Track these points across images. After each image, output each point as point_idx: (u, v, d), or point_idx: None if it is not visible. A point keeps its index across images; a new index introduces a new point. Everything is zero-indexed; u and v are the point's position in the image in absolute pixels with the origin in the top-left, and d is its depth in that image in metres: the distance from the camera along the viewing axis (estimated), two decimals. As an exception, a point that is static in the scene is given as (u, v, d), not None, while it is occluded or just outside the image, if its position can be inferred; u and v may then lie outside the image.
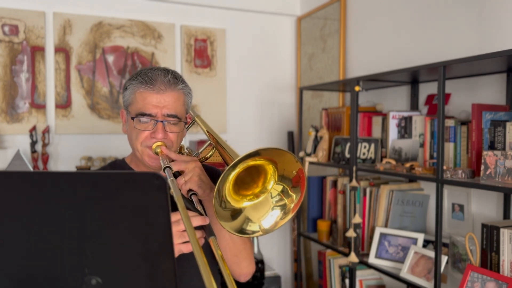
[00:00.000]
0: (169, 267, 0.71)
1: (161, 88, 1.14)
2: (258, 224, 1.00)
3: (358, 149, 2.18)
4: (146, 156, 1.17)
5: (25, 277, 0.72)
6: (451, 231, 1.90)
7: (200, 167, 1.11)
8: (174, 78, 1.18)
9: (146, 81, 1.14)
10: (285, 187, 1.00)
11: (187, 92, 1.22)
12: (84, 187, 0.68)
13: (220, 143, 1.09)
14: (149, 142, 1.15)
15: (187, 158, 1.13)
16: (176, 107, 1.17)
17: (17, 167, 2.29)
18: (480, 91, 1.86)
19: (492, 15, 1.79)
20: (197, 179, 1.08)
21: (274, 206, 1.01)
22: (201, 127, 1.24)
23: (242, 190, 1.00)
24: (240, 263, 1.22)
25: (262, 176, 1.01)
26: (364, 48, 2.60)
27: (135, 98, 1.16)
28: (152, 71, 1.17)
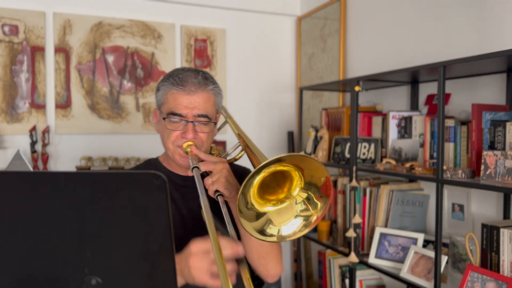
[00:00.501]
0: (169, 267, 0.71)
1: (191, 89, 1.16)
2: (278, 228, 0.99)
3: (358, 149, 2.18)
4: (177, 155, 1.20)
5: (25, 277, 0.72)
6: (451, 231, 1.90)
7: (227, 169, 1.12)
8: (205, 79, 1.19)
9: (177, 82, 1.16)
10: (311, 194, 0.99)
11: (217, 93, 1.23)
12: (84, 187, 0.68)
13: (249, 146, 1.10)
14: (180, 142, 1.18)
15: (215, 159, 1.14)
16: (207, 108, 1.18)
17: (17, 167, 2.29)
18: (480, 91, 1.86)
19: (492, 15, 1.79)
20: (224, 180, 1.10)
21: (297, 214, 1.00)
22: (232, 128, 1.25)
23: (267, 194, 1.00)
24: (267, 264, 1.21)
25: (288, 182, 1.00)
26: (364, 48, 2.60)
27: (167, 98, 1.19)
28: (183, 72, 1.19)
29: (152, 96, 2.91)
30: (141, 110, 2.88)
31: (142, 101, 2.89)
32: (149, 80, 2.90)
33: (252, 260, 1.22)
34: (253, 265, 1.24)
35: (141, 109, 2.88)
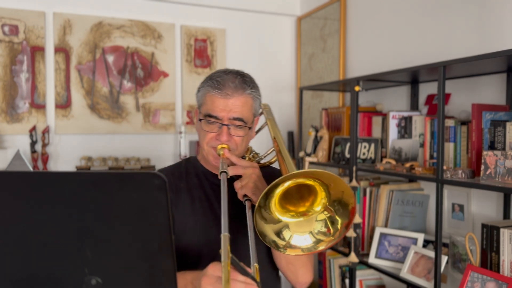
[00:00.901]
0: (169, 267, 0.71)
1: (228, 93, 1.17)
2: (291, 234, 0.98)
3: (358, 149, 2.18)
4: (211, 156, 1.22)
5: (25, 277, 0.72)
6: (451, 231, 1.90)
7: (257, 174, 1.13)
8: (243, 82, 1.20)
9: (215, 85, 1.18)
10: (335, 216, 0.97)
11: (255, 97, 1.23)
12: (84, 187, 0.68)
13: (281, 152, 1.10)
14: (214, 143, 1.20)
15: (246, 163, 1.15)
16: (243, 112, 1.19)
17: (17, 167, 2.29)
18: (480, 91, 1.86)
19: (492, 15, 1.79)
20: (252, 185, 1.11)
21: (312, 233, 0.99)
22: (270, 131, 1.26)
23: (289, 204, 1.00)
24: (296, 271, 1.21)
25: (311, 197, 1.00)
26: (364, 48, 2.60)
27: (205, 100, 1.21)
28: (223, 75, 1.20)
29: (152, 96, 2.91)
30: (141, 110, 2.88)
31: (142, 101, 2.89)
32: (149, 80, 2.90)
33: (281, 266, 1.22)
34: (282, 271, 1.24)
35: (141, 109, 2.88)
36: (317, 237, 0.99)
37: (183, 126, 2.86)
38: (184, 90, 2.98)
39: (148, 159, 2.78)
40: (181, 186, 1.27)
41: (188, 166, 1.34)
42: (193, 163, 1.35)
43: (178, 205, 1.24)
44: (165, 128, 2.94)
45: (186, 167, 1.34)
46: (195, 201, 1.25)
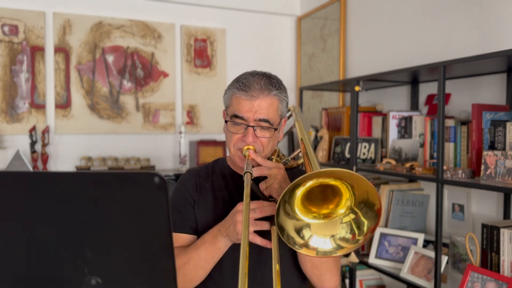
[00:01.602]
0: (169, 267, 0.71)
1: (253, 95, 1.18)
2: (311, 234, 0.97)
3: (358, 149, 2.18)
4: (237, 157, 1.22)
5: (25, 277, 0.72)
6: (451, 231, 1.90)
7: (282, 175, 1.13)
8: (269, 84, 1.20)
9: (241, 87, 1.19)
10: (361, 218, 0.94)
11: (281, 99, 1.23)
12: (84, 187, 0.68)
13: (308, 154, 1.10)
14: (240, 145, 1.20)
15: (272, 164, 1.15)
16: (269, 113, 1.19)
17: (16, 167, 2.29)
18: (480, 91, 1.86)
19: (492, 15, 1.79)
20: (277, 186, 1.11)
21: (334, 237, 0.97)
22: (298, 132, 1.26)
23: (311, 205, 1.00)
24: (321, 276, 1.19)
25: (336, 199, 0.98)
26: (364, 48, 2.60)
27: (232, 102, 1.22)
28: (249, 77, 1.21)
29: (152, 96, 2.91)
30: (141, 110, 2.88)
31: (142, 101, 2.88)
32: (149, 80, 2.90)
33: (306, 270, 1.21)
34: (307, 275, 1.23)
35: (141, 109, 2.88)
36: (338, 242, 0.96)
37: (183, 126, 2.86)
38: (184, 90, 2.98)
39: (148, 159, 2.78)
40: (206, 186, 1.28)
41: (215, 167, 1.34)
42: (220, 164, 1.36)
43: (200, 205, 1.25)
44: (165, 128, 2.94)
45: (213, 167, 1.34)
46: (218, 201, 1.26)
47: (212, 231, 1.13)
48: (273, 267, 0.92)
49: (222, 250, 1.12)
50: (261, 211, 1.05)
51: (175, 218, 1.24)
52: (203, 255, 1.12)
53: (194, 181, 1.28)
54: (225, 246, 1.12)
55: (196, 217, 1.24)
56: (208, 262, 1.12)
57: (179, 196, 1.27)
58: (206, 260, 1.12)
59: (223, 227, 1.10)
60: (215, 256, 1.12)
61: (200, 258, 1.11)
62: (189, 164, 2.89)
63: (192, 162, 2.88)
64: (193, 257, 1.12)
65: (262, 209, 1.05)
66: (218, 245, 1.11)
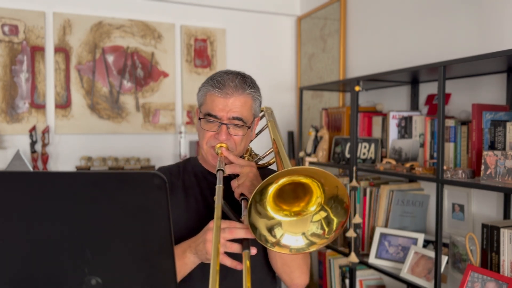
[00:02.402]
0: (169, 267, 0.71)
1: (227, 92, 1.18)
2: (283, 233, 0.98)
3: (358, 149, 2.18)
4: (209, 155, 1.23)
5: (25, 277, 0.72)
6: (451, 231, 1.90)
7: (254, 173, 1.14)
8: (243, 83, 1.21)
9: (215, 85, 1.19)
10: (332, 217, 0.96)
11: (255, 98, 1.24)
12: (84, 187, 0.68)
13: (280, 154, 1.10)
14: (213, 142, 1.20)
15: (244, 162, 1.16)
16: (242, 111, 1.20)
17: (17, 167, 2.29)
18: (480, 91, 1.86)
19: (492, 15, 1.79)
20: (249, 184, 1.11)
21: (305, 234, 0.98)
22: (270, 132, 1.27)
23: (283, 203, 1.00)
24: (291, 273, 1.21)
25: (307, 197, 0.99)
26: (364, 48, 2.60)
27: (205, 99, 1.22)
28: (224, 75, 1.22)
29: (152, 96, 2.91)
30: (141, 110, 2.88)
31: (142, 101, 2.89)
32: (149, 80, 2.90)
33: (276, 267, 1.22)
34: (277, 272, 1.24)
35: (141, 109, 2.88)
36: (310, 238, 0.98)
37: (183, 126, 2.86)
38: (184, 90, 2.98)
39: (148, 159, 2.78)
40: (177, 184, 1.28)
41: (186, 165, 1.35)
42: (192, 163, 1.36)
43: (171, 203, 1.24)
44: (165, 128, 2.94)
45: (185, 165, 1.35)
46: (190, 199, 1.26)
47: (181, 246, 1.11)
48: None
49: (189, 266, 1.10)
50: (230, 232, 1.00)
51: None
52: None
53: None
54: (193, 263, 1.09)
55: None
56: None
57: None
58: None
59: (193, 244, 1.07)
60: (182, 271, 1.10)
61: None
62: (189, 164, 2.89)
63: (192, 162, 2.88)
64: None
65: (232, 230, 1.00)
66: (185, 260, 1.09)
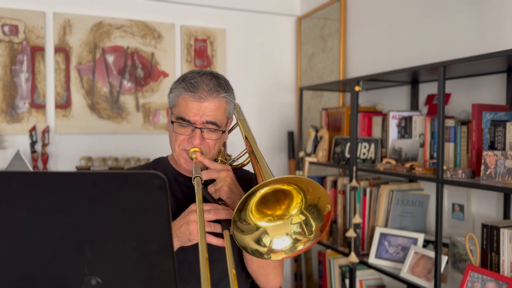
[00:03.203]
0: (169, 267, 0.71)
1: (201, 96, 1.15)
2: (271, 239, 0.99)
3: (358, 149, 2.18)
4: (182, 158, 1.20)
5: (25, 277, 0.72)
6: (451, 231, 1.90)
7: (231, 177, 1.12)
8: (217, 86, 1.18)
9: (188, 88, 1.16)
10: (310, 221, 0.98)
11: (229, 101, 1.22)
12: (84, 187, 0.68)
13: (254, 154, 1.09)
14: (186, 146, 1.18)
15: (220, 166, 1.14)
16: (216, 115, 1.17)
17: (17, 167, 2.29)
18: (480, 91, 1.86)
19: (492, 15, 1.79)
20: (227, 189, 1.10)
21: (289, 234, 1.00)
22: (241, 131, 1.25)
23: (265, 208, 1.00)
24: (267, 274, 1.21)
25: (287, 200, 1.00)
26: (364, 48, 2.60)
27: (178, 102, 1.19)
28: (197, 77, 1.18)
29: (152, 96, 2.91)
30: (141, 110, 2.88)
31: (142, 101, 2.89)
32: (149, 80, 2.90)
33: (252, 270, 1.22)
34: (253, 275, 1.24)
35: (141, 109, 2.88)
36: (294, 236, 0.99)
37: (183, 126, 2.86)
38: (184, 90, 2.98)
39: (148, 159, 2.78)
40: None
41: (156, 167, 1.32)
42: (162, 164, 1.33)
43: None
44: (165, 128, 2.94)
45: (155, 167, 1.32)
46: None
47: None
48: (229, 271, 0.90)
49: None
50: (215, 213, 1.02)
51: None
52: None
53: None
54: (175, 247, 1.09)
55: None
56: None
57: None
58: None
59: (174, 227, 1.06)
60: None
61: None
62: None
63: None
64: None
65: (216, 211, 1.02)
66: None
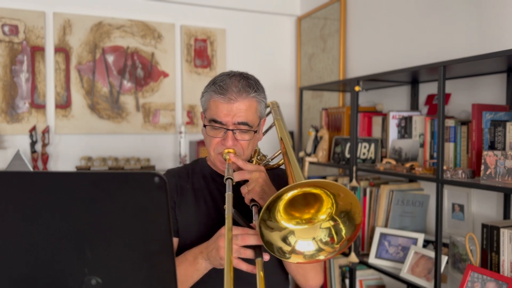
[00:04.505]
0: (169, 267, 0.71)
1: (231, 98, 1.16)
2: (296, 239, 0.98)
3: (358, 149, 2.18)
4: (218, 161, 1.22)
5: (25, 277, 0.72)
6: (451, 231, 1.90)
7: (264, 178, 1.12)
8: (247, 86, 1.18)
9: (218, 90, 1.17)
10: (341, 227, 0.96)
11: (260, 100, 1.22)
12: (84, 187, 0.68)
13: (288, 155, 1.09)
14: (220, 149, 1.19)
15: (253, 167, 1.14)
16: (248, 116, 1.18)
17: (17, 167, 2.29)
18: (480, 91, 1.86)
19: (492, 15, 1.79)
20: (259, 190, 1.10)
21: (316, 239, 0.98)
22: (277, 131, 1.25)
23: (294, 211, 1.00)
24: (305, 274, 1.20)
25: (317, 204, 0.99)
26: (364, 48, 2.60)
27: (209, 105, 1.20)
28: (227, 78, 1.19)
29: (152, 96, 2.91)
30: (141, 110, 2.88)
31: (142, 101, 2.89)
32: (149, 80, 2.90)
33: (290, 269, 1.21)
34: (292, 274, 1.23)
35: (141, 109, 2.88)
36: (319, 244, 0.98)
37: (183, 126, 2.86)
38: (184, 90, 2.98)
39: (148, 159, 2.78)
40: (187, 187, 1.27)
41: (195, 167, 1.34)
42: (200, 164, 1.35)
43: (181, 206, 1.24)
44: (165, 128, 2.94)
45: (193, 168, 1.34)
46: (200, 202, 1.25)
47: (193, 251, 1.11)
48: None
49: (201, 272, 1.10)
50: (243, 239, 0.99)
51: None
52: (182, 274, 1.10)
53: (174, 182, 1.27)
54: (205, 269, 1.09)
55: (177, 218, 1.23)
56: (186, 281, 1.11)
57: None
58: (185, 279, 1.10)
59: (205, 250, 1.07)
60: (194, 276, 1.10)
61: (179, 275, 1.09)
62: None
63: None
64: None
65: (244, 237, 1.00)
66: (197, 266, 1.08)
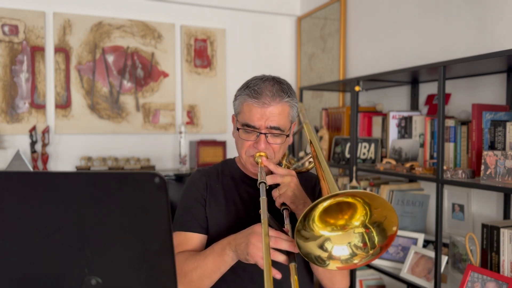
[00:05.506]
0: (169, 267, 0.71)
1: (265, 102, 1.17)
2: (332, 245, 0.98)
3: (358, 149, 2.18)
4: (249, 164, 1.23)
5: (25, 277, 0.72)
6: (451, 231, 1.90)
7: (295, 182, 1.14)
8: (280, 91, 1.20)
9: (252, 94, 1.18)
10: (373, 234, 0.96)
11: (292, 105, 1.24)
12: (84, 187, 0.68)
13: (318, 158, 1.10)
14: (252, 152, 1.21)
15: (284, 171, 1.16)
16: (280, 120, 1.19)
17: (17, 167, 2.29)
18: (480, 91, 1.86)
19: (492, 15, 1.79)
20: (291, 194, 1.11)
21: (350, 245, 0.99)
22: (307, 135, 1.27)
23: (327, 217, 1.00)
24: (332, 277, 1.20)
25: (350, 211, 0.99)
26: (364, 48, 2.60)
27: (242, 109, 1.22)
28: (260, 83, 1.21)
29: (152, 96, 2.91)
30: (141, 110, 2.88)
31: (142, 101, 2.88)
32: (149, 80, 2.90)
33: (317, 273, 1.22)
34: (319, 277, 1.24)
35: (141, 109, 2.88)
36: (353, 249, 0.98)
37: (183, 126, 2.86)
38: (184, 90, 2.98)
39: (148, 159, 2.78)
40: (216, 186, 1.28)
41: (224, 168, 1.35)
42: (229, 166, 1.36)
43: (211, 204, 1.26)
44: (165, 128, 2.94)
45: (222, 168, 1.35)
46: (229, 203, 1.26)
47: (221, 242, 1.11)
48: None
49: (229, 263, 1.10)
50: (276, 241, 1.00)
51: (186, 218, 1.24)
52: (210, 265, 1.10)
53: (204, 180, 1.29)
54: (232, 260, 1.09)
55: (207, 216, 1.25)
56: (214, 273, 1.11)
57: (189, 196, 1.28)
58: (213, 270, 1.11)
59: (234, 241, 1.08)
60: (222, 268, 1.11)
61: (207, 267, 1.10)
62: (189, 164, 2.89)
63: (192, 162, 2.88)
64: (200, 265, 1.11)
65: (277, 240, 1.00)
66: (225, 258, 1.09)
